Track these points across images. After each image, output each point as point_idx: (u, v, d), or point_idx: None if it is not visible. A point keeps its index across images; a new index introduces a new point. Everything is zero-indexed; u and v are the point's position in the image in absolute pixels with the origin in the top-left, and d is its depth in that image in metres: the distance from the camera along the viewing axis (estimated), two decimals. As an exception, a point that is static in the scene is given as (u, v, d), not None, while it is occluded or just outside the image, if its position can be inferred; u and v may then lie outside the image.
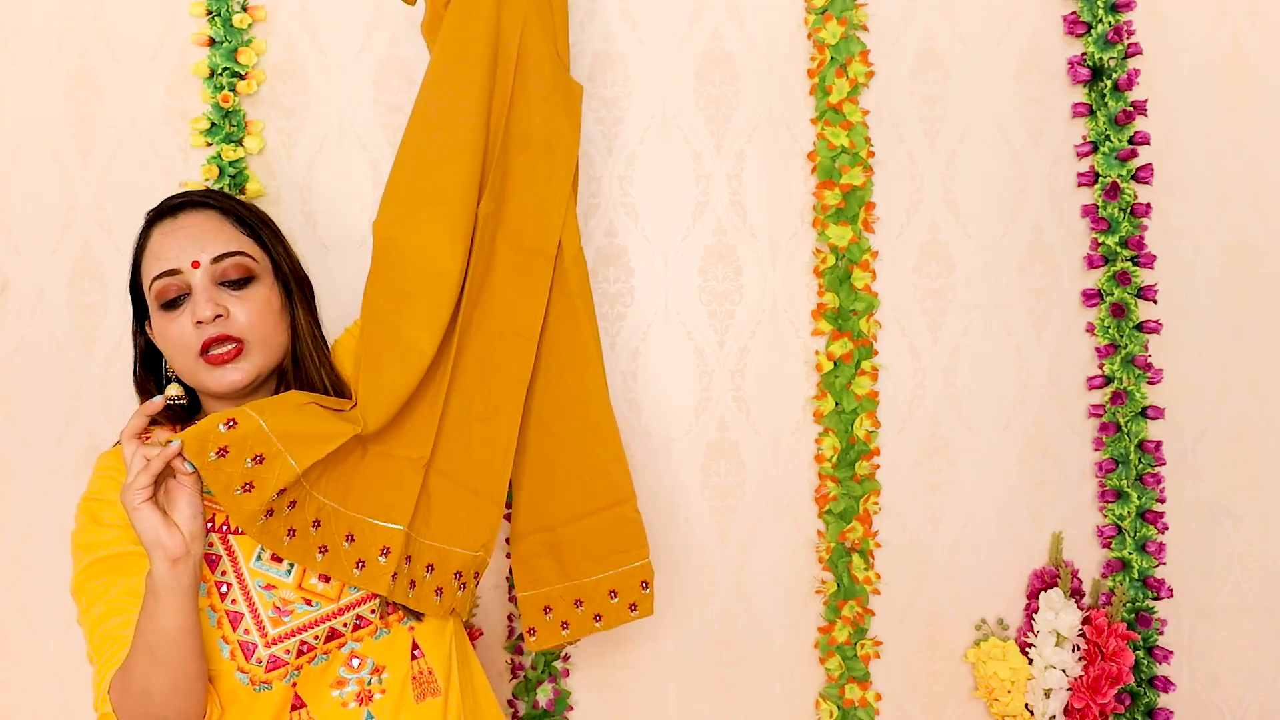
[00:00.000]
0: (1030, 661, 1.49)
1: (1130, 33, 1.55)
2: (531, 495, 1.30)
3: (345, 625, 1.09)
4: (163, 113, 1.52)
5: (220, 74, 1.49)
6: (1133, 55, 1.55)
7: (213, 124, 1.49)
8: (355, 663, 1.09)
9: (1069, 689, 1.48)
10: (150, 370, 1.19)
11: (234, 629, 1.04)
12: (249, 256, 1.13)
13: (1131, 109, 1.54)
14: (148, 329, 1.16)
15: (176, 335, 1.09)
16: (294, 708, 1.06)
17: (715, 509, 1.55)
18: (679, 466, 1.54)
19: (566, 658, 1.52)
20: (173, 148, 1.51)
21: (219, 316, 1.08)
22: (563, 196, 1.28)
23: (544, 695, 1.49)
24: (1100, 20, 1.55)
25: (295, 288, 1.18)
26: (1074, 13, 1.56)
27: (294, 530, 1.05)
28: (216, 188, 1.48)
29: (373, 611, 1.10)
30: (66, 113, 1.52)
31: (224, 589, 1.06)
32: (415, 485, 1.13)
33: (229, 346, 1.08)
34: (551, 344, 1.27)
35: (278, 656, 1.04)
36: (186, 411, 1.16)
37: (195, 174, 1.50)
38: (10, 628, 1.50)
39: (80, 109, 1.52)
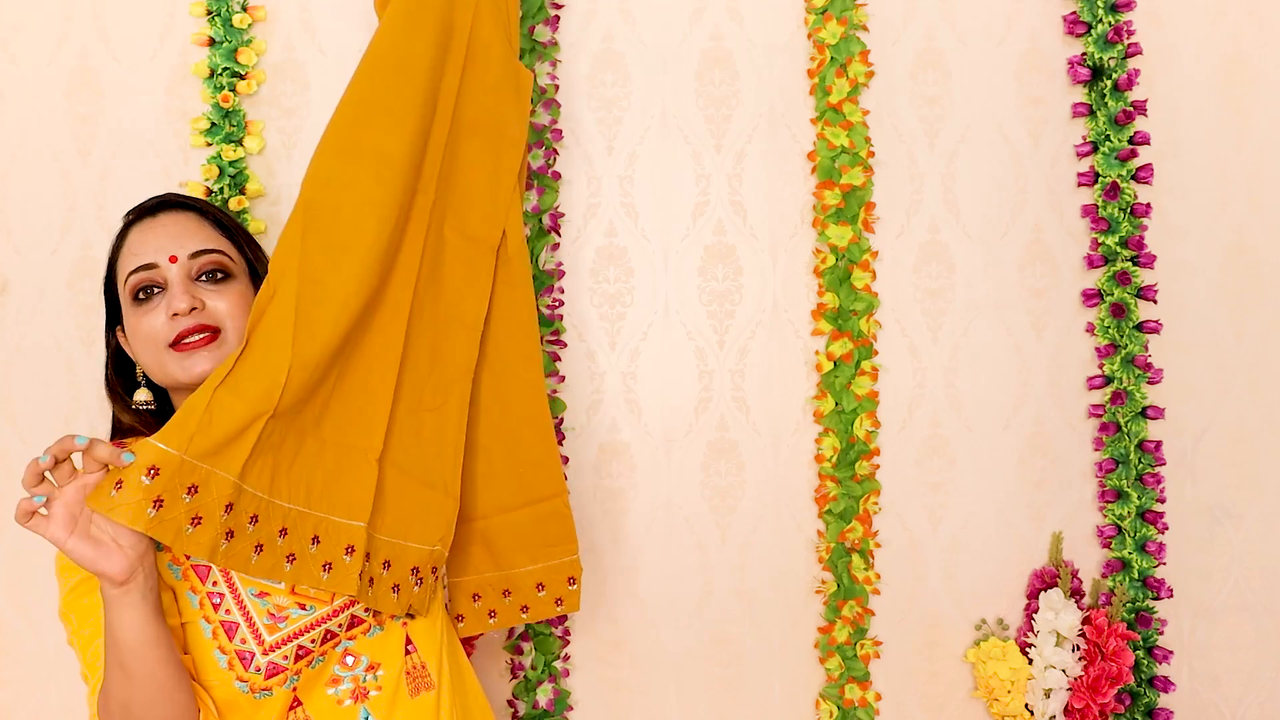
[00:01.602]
0: (1030, 661, 1.49)
1: (1130, 33, 1.55)
2: (469, 484, 1.29)
3: (340, 626, 1.08)
4: (163, 113, 1.52)
5: (220, 74, 1.49)
6: (1133, 55, 1.55)
7: (213, 124, 1.49)
8: (350, 660, 1.09)
9: (1069, 689, 1.48)
10: (121, 374, 1.17)
11: (230, 639, 1.03)
12: (226, 255, 1.13)
13: (1131, 109, 1.54)
14: (119, 334, 1.15)
15: (148, 329, 1.07)
16: (291, 707, 1.06)
17: (715, 509, 1.55)
18: (679, 466, 1.54)
19: (566, 658, 1.52)
20: (173, 148, 1.51)
21: (195, 308, 1.07)
22: (509, 185, 1.27)
23: (544, 695, 1.49)
24: (1100, 20, 1.55)
25: None
26: (1074, 13, 1.57)
27: (261, 545, 1.00)
28: (216, 188, 1.48)
29: (366, 610, 1.10)
30: (66, 113, 1.52)
31: (216, 600, 1.05)
32: (371, 479, 1.10)
33: (203, 334, 1.07)
34: (493, 335, 1.27)
35: (276, 663, 1.04)
36: (155, 416, 1.15)
37: (195, 174, 1.50)
38: (10, 628, 1.50)
39: (80, 109, 1.52)
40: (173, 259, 1.09)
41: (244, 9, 1.51)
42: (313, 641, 1.06)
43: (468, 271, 1.24)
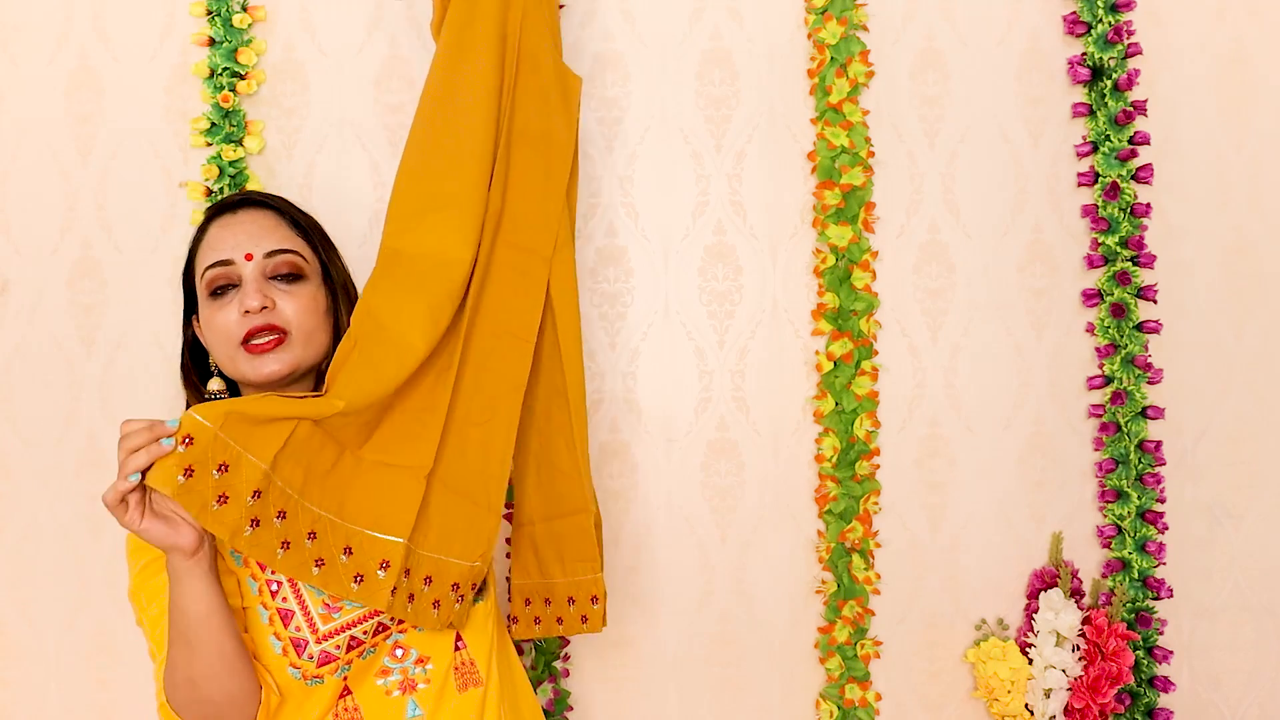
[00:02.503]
0: (1030, 661, 1.49)
1: (1130, 33, 1.55)
2: (520, 489, 1.32)
3: (391, 618, 1.10)
4: (163, 113, 1.52)
5: (220, 74, 1.49)
6: (1133, 55, 1.55)
7: (213, 124, 1.49)
8: (399, 653, 1.11)
9: (1069, 689, 1.48)
10: (195, 363, 1.21)
11: (285, 626, 1.06)
12: (300, 256, 1.15)
13: (1131, 109, 1.54)
14: (195, 323, 1.18)
15: (221, 324, 1.10)
16: (340, 695, 1.08)
17: (715, 509, 1.55)
18: (679, 466, 1.54)
19: (566, 658, 1.52)
20: (173, 148, 1.51)
21: (265, 308, 1.10)
22: (559, 196, 1.27)
23: (544, 695, 1.49)
24: (1100, 20, 1.55)
25: (341, 294, 1.19)
26: (1074, 13, 1.57)
27: (288, 543, 1.01)
28: (216, 188, 1.48)
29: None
30: (66, 113, 1.52)
31: (274, 586, 1.07)
32: (417, 496, 1.10)
33: (271, 337, 1.10)
34: (546, 345, 1.27)
35: (329, 652, 1.06)
36: None
37: (195, 174, 1.50)
38: (10, 628, 1.50)
39: (80, 109, 1.52)
40: (248, 256, 1.11)
41: (244, 9, 1.51)
42: (365, 633, 1.08)
43: (520, 283, 1.23)
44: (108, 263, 1.51)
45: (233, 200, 1.19)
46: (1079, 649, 1.49)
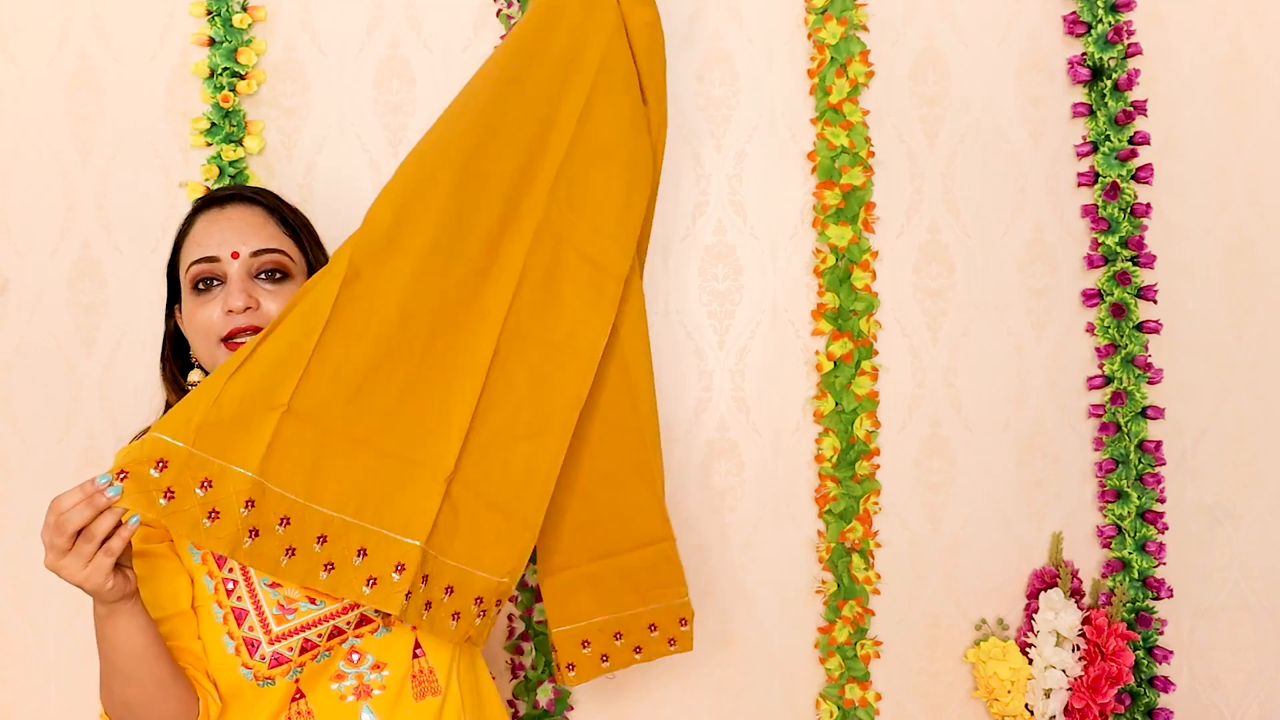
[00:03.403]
0: (1030, 661, 1.49)
1: (1130, 33, 1.55)
2: (555, 532, 1.26)
3: (349, 623, 1.09)
4: (163, 113, 1.52)
5: (220, 74, 1.49)
6: (1133, 55, 1.55)
7: (213, 124, 1.49)
8: (355, 658, 1.10)
9: (1069, 689, 1.48)
10: (177, 355, 1.20)
11: (239, 625, 1.05)
12: (287, 255, 1.14)
13: (1131, 109, 1.54)
14: (177, 314, 1.17)
15: (204, 320, 1.10)
16: (293, 699, 1.07)
17: (715, 509, 1.54)
18: (679, 466, 1.54)
19: (566, 658, 1.52)
20: (173, 148, 1.52)
21: (249, 308, 1.09)
22: (637, 219, 1.25)
23: (544, 695, 1.49)
24: (1100, 20, 1.55)
25: None
26: (1074, 13, 1.57)
27: (293, 549, 0.99)
28: (216, 187, 1.48)
29: (376, 610, 1.10)
30: (66, 113, 1.52)
31: (230, 586, 1.07)
32: (435, 497, 1.07)
33: (253, 336, 1.08)
34: (610, 374, 1.23)
35: (281, 654, 1.05)
36: None
37: (195, 174, 1.50)
38: (10, 628, 1.50)
39: (80, 109, 1.52)
40: (235, 254, 1.10)
41: (244, 9, 1.51)
42: (319, 636, 1.07)
43: (591, 297, 1.21)
44: (108, 263, 1.51)
45: (221, 194, 1.18)
46: (1079, 649, 1.49)
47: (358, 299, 1.05)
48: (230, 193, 1.18)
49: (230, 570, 1.07)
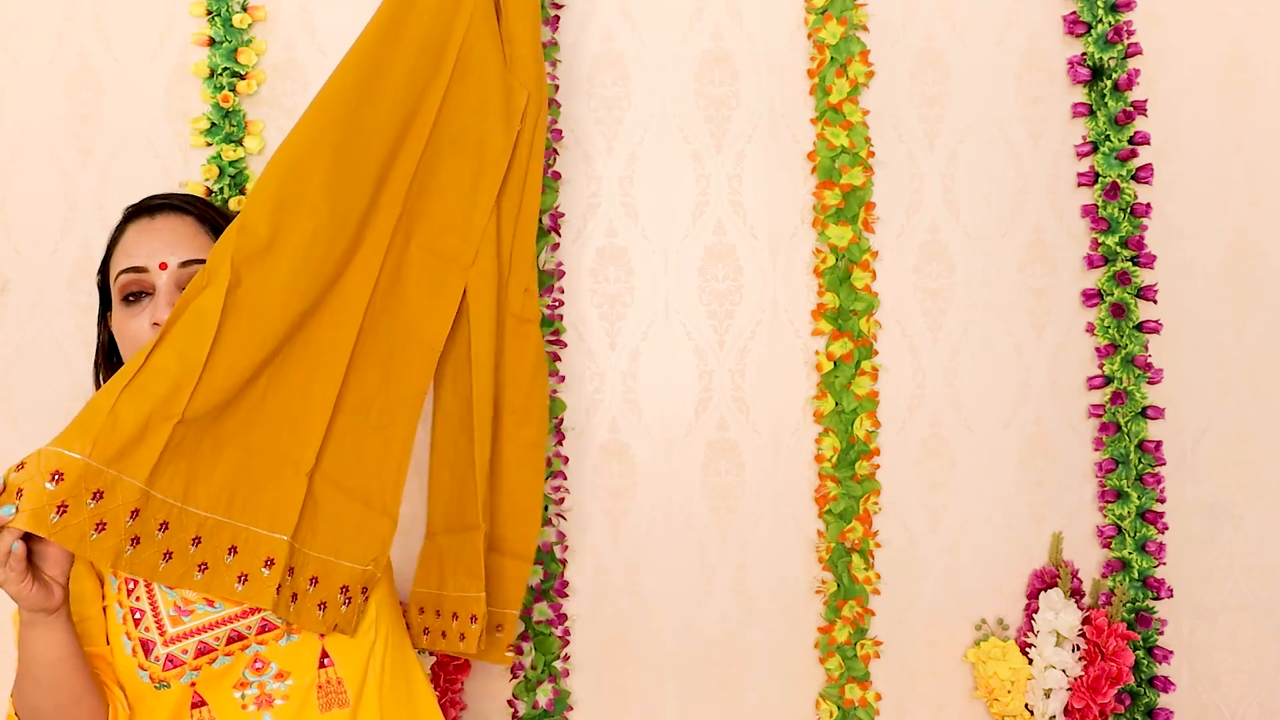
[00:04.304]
0: (1030, 661, 1.49)
1: (1130, 33, 1.55)
2: (434, 499, 1.30)
3: (249, 628, 1.07)
4: (163, 113, 1.52)
5: (220, 74, 1.49)
6: (1133, 55, 1.55)
7: (213, 124, 1.49)
8: (258, 665, 1.08)
9: (1069, 689, 1.48)
10: (113, 361, 1.19)
11: (135, 626, 1.05)
12: None
13: (1131, 109, 1.54)
14: (109, 321, 1.17)
15: (133, 332, 1.09)
16: (195, 705, 1.06)
17: (715, 509, 1.54)
18: (679, 466, 1.54)
19: (566, 658, 1.52)
20: (173, 148, 1.51)
21: None
22: (486, 207, 1.24)
23: (544, 695, 1.49)
24: (1100, 20, 1.55)
25: None
26: (1074, 13, 1.57)
27: (170, 553, 0.99)
28: (216, 188, 1.48)
29: (248, 605, 1.08)
30: (66, 113, 1.52)
31: (131, 585, 1.06)
32: (299, 491, 1.07)
33: None
34: (456, 357, 1.25)
35: (175, 655, 1.04)
36: None
37: (195, 174, 1.50)
38: (10, 627, 1.50)
39: (80, 109, 1.52)
40: (163, 265, 1.09)
41: (244, 9, 1.51)
42: (216, 640, 1.05)
43: (435, 290, 1.22)
44: (108, 263, 1.50)
45: (152, 203, 1.16)
46: (1079, 649, 1.49)
47: (241, 304, 1.04)
48: (160, 202, 1.16)
49: (137, 599, 1.06)
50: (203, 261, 1.10)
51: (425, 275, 1.21)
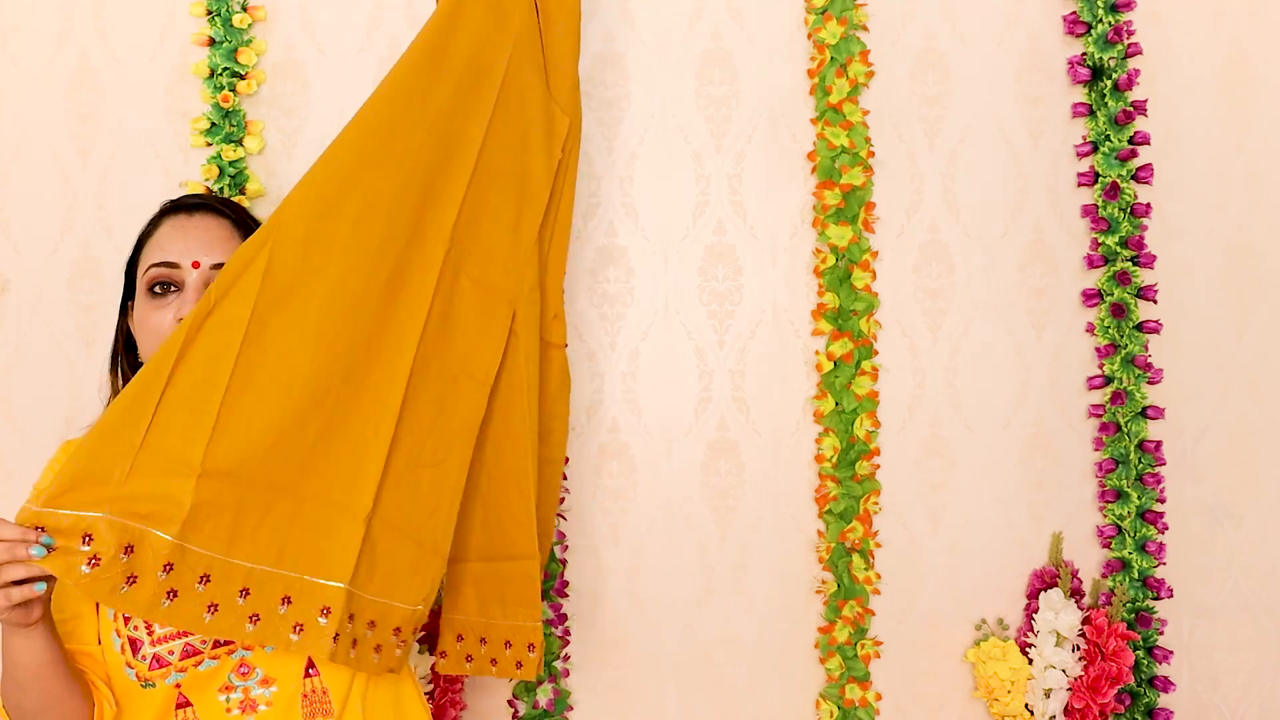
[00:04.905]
0: (1030, 661, 1.49)
1: (1130, 33, 1.55)
2: (463, 525, 1.27)
3: None
4: (163, 113, 1.52)
5: (220, 74, 1.49)
6: (1133, 55, 1.55)
7: (213, 124, 1.49)
8: (244, 670, 1.08)
9: (1069, 689, 1.48)
10: (129, 351, 1.20)
11: (125, 623, 1.05)
12: None
13: (1131, 109, 1.54)
14: (130, 311, 1.17)
15: (155, 325, 1.10)
16: (180, 706, 1.06)
17: (715, 509, 1.55)
18: (679, 466, 1.54)
19: (566, 658, 1.52)
20: (173, 148, 1.51)
21: None
22: (530, 239, 1.24)
23: (544, 695, 1.49)
24: (1100, 20, 1.55)
25: None
26: (1074, 13, 1.56)
27: (215, 605, 0.98)
28: (216, 188, 1.48)
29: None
30: (66, 113, 1.52)
31: None
32: (356, 538, 1.06)
33: None
34: (502, 387, 1.23)
35: (161, 656, 1.04)
36: None
37: (195, 174, 1.50)
38: None
39: (80, 109, 1.52)
40: (195, 264, 1.10)
41: (244, 9, 1.51)
42: (204, 642, 1.06)
43: (484, 323, 1.20)
44: (108, 263, 1.51)
45: (191, 201, 1.18)
46: (1079, 649, 1.49)
47: (268, 351, 1.02)
48: (199, 201, 1.17)
49: None
50: None
51: (475, 309, 1.19)
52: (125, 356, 1.20)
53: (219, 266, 1.11)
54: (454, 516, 1.16)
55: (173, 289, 1.10)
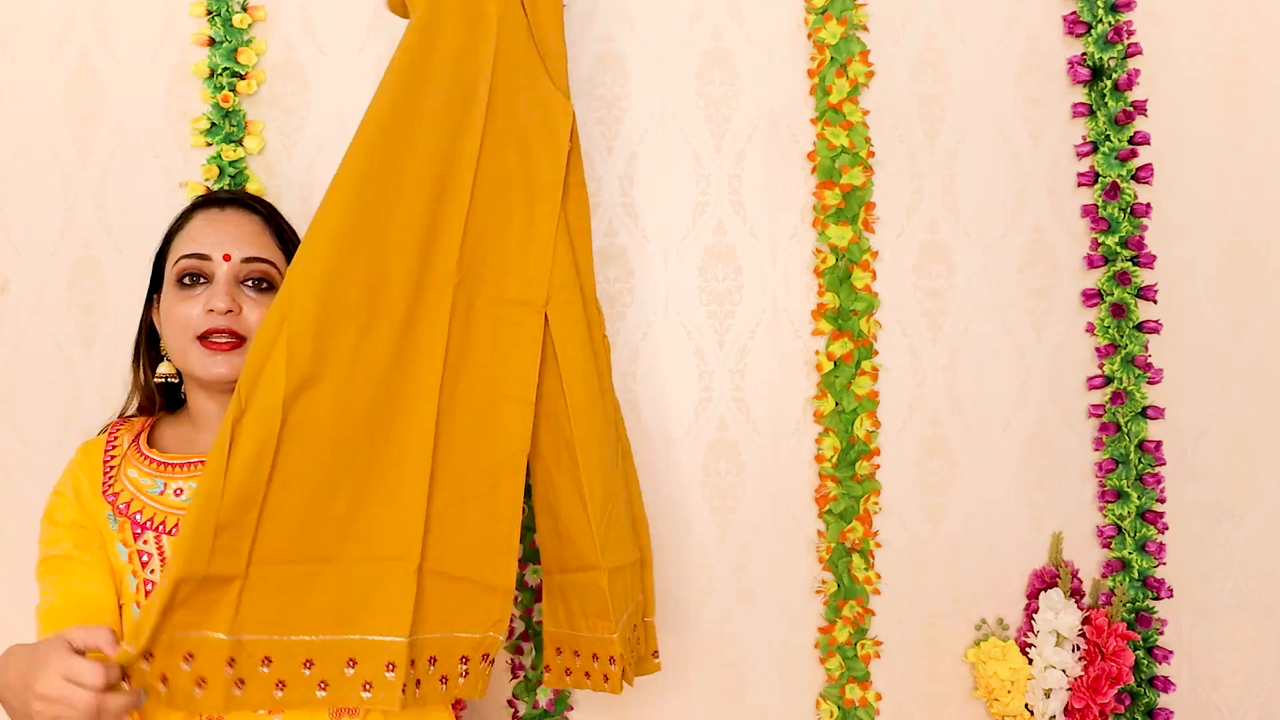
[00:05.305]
0: (1030, 661, 1.49)
1: (1130, 33, 1.55)
2: (540, 538, 1.28)
3: None
4: (163, 113, 1.52)
5: (220, 74, 1.49)
6: (1133, 55, 1.55)
7: (213, 124, 1.49)
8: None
9: (1069, 689, 1.48)
10: (150, 345, 1.21)
11: (143, 568, 1.06)
12: (275, 268, 1.15)
13: (1131, 109, 1.54)
14: (155, 304, 1.19)
15: (183, 314, 1.11)
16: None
17: (715, 509, 1.54)
18: (679, 466, 1.54)
19: (566, 658, 1.52)
20: (173, 148, 1.51)
21: (231, 311, 1.10)
22: (546, 240, 1.19)
23: (544, 695, 1.49)
24: (1100, 20, 1.55)
25: None
26: (1074, 13, 1.57)
27: (283, 683, 1.00)
28: (216, 188, 1.48)
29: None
30: (66, 113, 1.52)
31: (145, 559, 1.08)
32: (410, 590, 1.06)
33: (230, 340, 1.11)
34: (549, 397, 1.20)
35: None
36: (165, 395, 1.20)
37: (195, 174, 1.50)
38: (10, 627, 1.50)
39: (80, 109, 1.52)
40: (226, 257, 1.12)
41: (244, 9, 1.51)
42: None
43: (510, 338, 1.17)
44: (108, 263, 1.51)
45: (223, 196, 1.20)
46: (1079, 649, 1.49)
47: (290, 439, 1.02)
48: (232, 196, 1.20)
49: (145, 543, 1.08)
50: (264, 260, 1.13)
51: (498, 328, 1.17)
52: (147, 350, 1.21)
53: (249, 260, 1.13)
54: (514, 546, 1.15)
55: (202, 280, 1.12)
